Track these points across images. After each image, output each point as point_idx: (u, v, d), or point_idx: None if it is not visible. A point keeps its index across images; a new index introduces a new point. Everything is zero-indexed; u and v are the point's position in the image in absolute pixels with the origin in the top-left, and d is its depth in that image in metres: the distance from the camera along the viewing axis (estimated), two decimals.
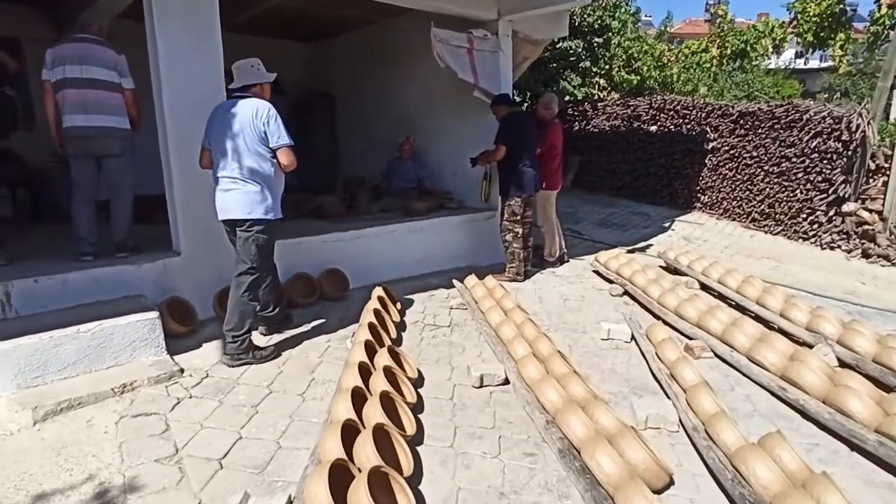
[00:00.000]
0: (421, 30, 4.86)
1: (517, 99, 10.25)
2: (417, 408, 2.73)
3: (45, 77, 3.42)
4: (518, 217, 4.89)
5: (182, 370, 3.04)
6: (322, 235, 4.36)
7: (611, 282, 4.94)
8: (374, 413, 2.30)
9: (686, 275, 5.06)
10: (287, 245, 4.14)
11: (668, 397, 2.79)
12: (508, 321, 3.44)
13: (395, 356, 2.98)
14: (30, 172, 5.55)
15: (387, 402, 2.45)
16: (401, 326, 3.80)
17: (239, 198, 3.07)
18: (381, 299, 3.77)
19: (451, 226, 5.30)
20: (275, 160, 3.13)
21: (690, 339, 3.58)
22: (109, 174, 3.63)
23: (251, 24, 6.57)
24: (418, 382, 2.99)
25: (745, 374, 3.09)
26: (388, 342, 3.26)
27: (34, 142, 4.40)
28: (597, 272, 5.36)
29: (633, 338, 3.62)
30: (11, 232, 4.07)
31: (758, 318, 3.94)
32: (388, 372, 2.70)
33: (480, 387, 2.97)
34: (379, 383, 2.55)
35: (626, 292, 4.67)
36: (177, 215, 3.58)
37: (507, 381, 2.98)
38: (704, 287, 4.82)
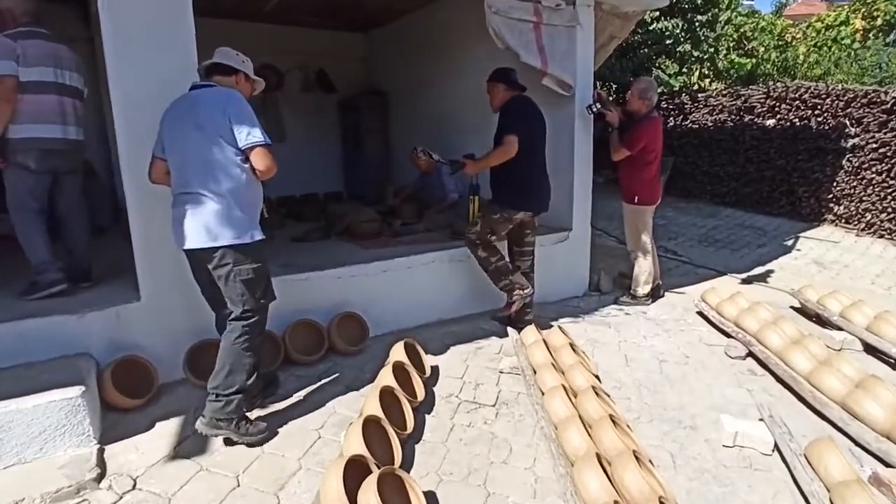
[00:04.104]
0: (480, 8, 3.75)
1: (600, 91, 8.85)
2: None
3: (9, 71, 2.69)
4: (493, 236, 3.47)
5: (102, 475, 2.16)
6: (336, 269, 3.38)
7: (727, 334, 3.60)
8: None
9: (839, 328, 3.60)
10: (290, 283, 3.21)
11: None
12: (577, 418, 2.27)
13: (394, 484, 1.92)
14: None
15: None
16: (426, 405, 2.74)
17: (199, 220, 2.26)
18: (398, 367, 2.73)
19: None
20: (246, 165, 2.32)
21: (881, 461, 2.24)
22: (73, 193, 3.10)
23: (288, 12, 5.78)
24: None
25: None
26: (396, 446, 2.21)
27: None
28: (702, 314, 4.02)
29: (776, 447, 2.33)
30: None
31: None
32: None
33: None
34: None
35: (750, 353, 3.33)
36: (136, 247, 2.74)
37: None
38: (870, 349, 3.37)
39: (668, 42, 8.30)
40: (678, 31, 8.21)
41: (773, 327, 3.24)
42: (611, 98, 7.88)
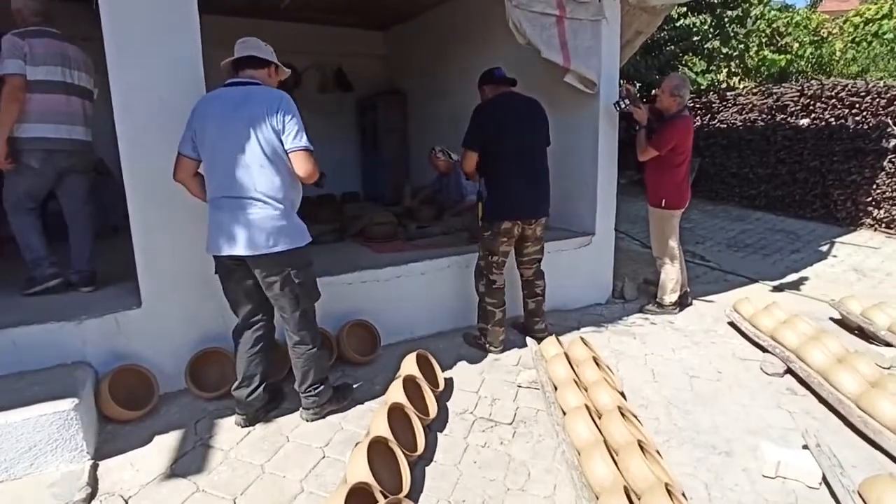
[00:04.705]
0: (501, 2, 3.56)
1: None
2: None
3: (17, 70, 2.67)
4: (493, 256, 3.19)
5: (93, 494, 2.03)
6: (347, 275, 3.23)
7: (762, 348, 3.36)
8: None
9: (888, 344, 3.34)
10: None
11: None
12: (601, 444, 2.08)
13: None
14: None
15: None
16: (438, 422, 2.56)
17: (257, 226, 2.19)
18: (409, 381, 2.56)
19: None
20: (290, 167, 2.27)
21: None
22: (77, 194, 3.03)
23: (305, 9, 5.68)
24: None
25: None
26: (404, 470, 2.05)
27: None
28: (734, 325, 3.78)
29: (824, 480, 2.11)
30: None
31: None
32: None
33: None
34: None
35: (789, 370, 3.09)
36: (137, 251, 2.62)
37: None
38: None
39: (695, 39, 8.00)
40: (706, 27, 7.90)
41: (815, 343, 3.00)
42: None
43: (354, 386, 2.83)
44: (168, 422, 2.52)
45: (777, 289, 4.91)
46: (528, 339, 3.34)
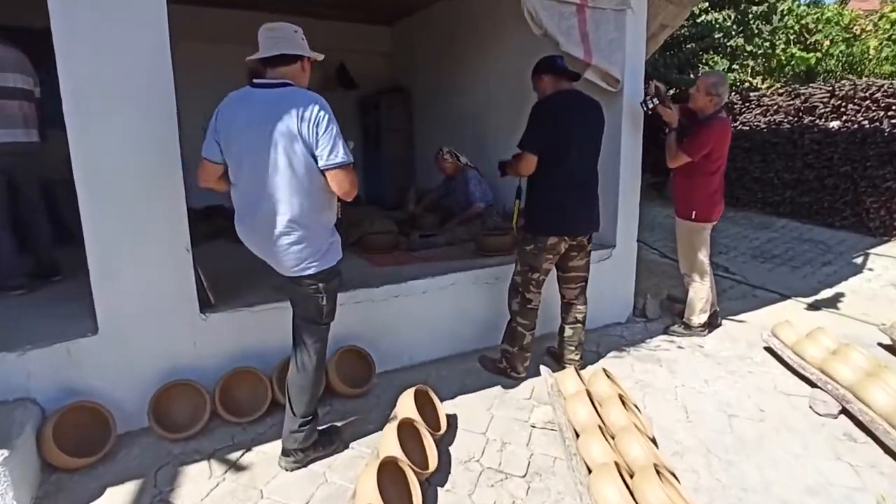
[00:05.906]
0: None
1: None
2: None
3: None
4: (535, 273, 2.85)
5: None
6: (339, 294, 2.85)
7: (809, 382, 2.96)
8: None
9: None
10: (280, 312, 2.67)
11: None
12: None
13: None
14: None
15: None
16: (439, 474, 2.19)
17: (293, 252, 2.02)
18: (405, 425, 2.19)
19: None
20: (325, 185, 2.02)
21: None
22: (31, 194, 2.98)
23: (307, 4, 5.34)
24: None
25: None
26: None
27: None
28: (771, 350, 3.38)
29: None
30: None
31: None
32: None
33: None
34: None
35: (844, 410, 2.69)
36: (92, 268, 2.26)
37: None
38: None
39: (717, 36, 7.57)
40: (729, 23, 7.47)
41: (875, 380, 2.60)
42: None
43: (344, 423, 2.47)
44: (125, 469, 2.17)
45: (812, 306, 4.50)
46: (542, 368, 2.96)
